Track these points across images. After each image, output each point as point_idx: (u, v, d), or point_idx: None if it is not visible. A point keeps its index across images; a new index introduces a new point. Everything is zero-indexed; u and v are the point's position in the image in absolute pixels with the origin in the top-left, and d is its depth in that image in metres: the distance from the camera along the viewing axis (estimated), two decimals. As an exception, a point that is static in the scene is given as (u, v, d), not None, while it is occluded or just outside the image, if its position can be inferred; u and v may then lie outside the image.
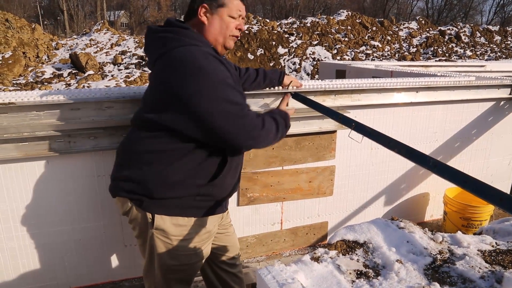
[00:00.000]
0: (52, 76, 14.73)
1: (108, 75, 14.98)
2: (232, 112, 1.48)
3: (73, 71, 14.98)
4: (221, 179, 1.68)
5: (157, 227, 1.66)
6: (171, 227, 1.67)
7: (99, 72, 15.10)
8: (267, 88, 2.48)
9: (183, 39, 1.59)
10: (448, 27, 23.05)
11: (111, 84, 13.74)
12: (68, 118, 2.18)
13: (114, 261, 2.62)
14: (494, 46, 22.01)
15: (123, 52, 16.92)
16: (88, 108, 2.22)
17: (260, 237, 3.02)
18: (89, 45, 17.65)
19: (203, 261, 1.86)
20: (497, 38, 22.75)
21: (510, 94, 3.63)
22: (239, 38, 1.78)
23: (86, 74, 14.59)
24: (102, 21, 21.43)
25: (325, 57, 17.67)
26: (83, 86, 13.39)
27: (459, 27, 22.96)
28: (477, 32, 22.52)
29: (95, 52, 16.87)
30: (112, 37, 18.49)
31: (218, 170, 1.67)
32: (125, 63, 16.13)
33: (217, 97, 1.46)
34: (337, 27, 20.16)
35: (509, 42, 22.74)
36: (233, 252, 2.08)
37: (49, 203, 2.33)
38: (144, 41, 1.79)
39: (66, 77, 14.66)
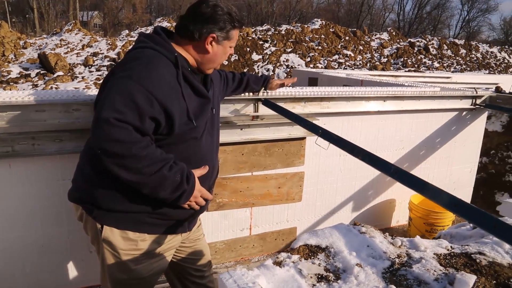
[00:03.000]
0: (18, 76, 14.26)
1: (78, 77, 14.64)
2: (104, 114, 1.38)
3: (42, 72, 14.56)
4: None
5: (105, 238, 1.61)
6: (120, 241, 1.62)
7: (69, 74, 14.73)
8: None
9: (149, 43, 1.58)
10: (417, 39, 23.83)
11: (80, 86, 13.43)
12: (33, 120, 2.13)
13: (79, 267, 2.55)
14: (460, 59, 22.90)
15: (94, 54, 16.59)
16: (54, 110, 2.17)
17: (229, 243, 3.02)
18: (59, 45, 17.21)
19: (159, 275, 1.80)
20: (463, 51, 23.70)
21: (471, 104, 3.80)
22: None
23: (55, 75, 14.21)
24: (74, 21, 20.97)
25: (299, 65, 17.88)
26: (51, 87, 13.03)
27: (427, 39, 23.78)
28: (444, 45, 23.38)
29: (66, 53, 16.47)
30: (83, 38, 18.10)
31: None
32: (97, 65, 15.82)
33: (110, 94, 1.42)
34: (311, 36, 20.47)
35: (473, 55, 23.73)
36: (202, 263, 2.03)
37: (11, 207, 2.25)
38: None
39: (34, 77, 14.22)
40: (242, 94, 2.51)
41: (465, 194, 4.19)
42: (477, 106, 3.80)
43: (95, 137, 1.42)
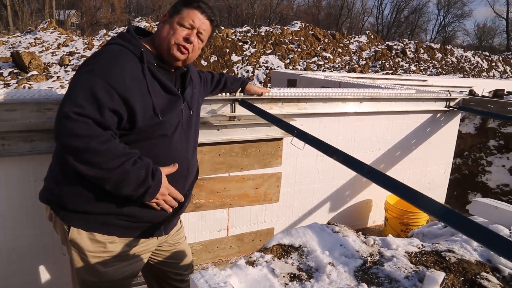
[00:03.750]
0: (-10, 75, 13.83)
1: (53, 76, 14.31)
2: (64, 109, 1.38)
3: (15, 71, 14.16)
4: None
5: (72, 240, 1.58)
6: (87, 243, 1.58)
7: (44, 73, 14.39)
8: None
9: (117, 40, 1.59)
10: (395, 43, 24.30)
11: (54, 85, 13.12)
12: (2, 119, 2.07)
13: (51, 271, 2.49)
14: (436, 63, 23.48)
15: (71, 53, 16.25)
16: (26, 110, 2.12)
17: (206, 244, 3.00)
18: (34, 44, 16.78)
19: (131, 279, 1.76)
20: (438, 55, 24.30)
21: (445, 107, 3.89)
22: (188, 50, 1.62)
23: (29, 75, 13.85)
24: (49, 19, 20.49)
25: (278, 66, 17.97)
26: (24, 87, 12.69)
27: (405, 43, 24.28)
28: (421, 49, 23.92)
29: (40, 52, 16.06)
30: (59, 37, 17.69)
31: None
32: (73, 64, 15.50)
33: (71, 89, 1.43)
34: (290, 38, 20.61)
35: (448, 59, 24.36)
36: (182, 267, 2.00)
37: (-22, 209, 2.19)
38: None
39: (6, 76, 13.82)
40: (219, 94, 2.51)
41: (440, 194, 4.29)
42: (450, 108, 3.90)
43: (56, 132, 1.41)
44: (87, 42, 17.11)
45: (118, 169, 1.41)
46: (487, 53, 28.04)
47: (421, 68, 22.29)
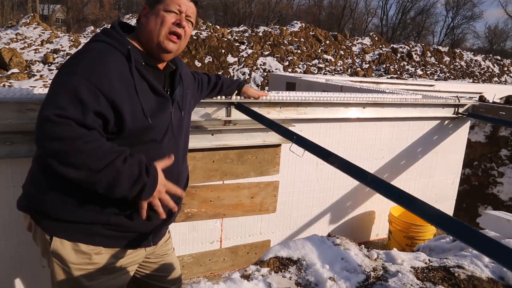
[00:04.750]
0: (-33, 72, 13.78)
1: (36, 75, 14.28)
2: (45, 112, 1.36)
3: (-6, 69, 14.12)
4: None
5: (54, 251, 1.55)
6: (71, 254, 1.55)
7: (26, 71, 14.36)
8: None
9: (102, 37, 1.57)
10: (400, 45, 24.49)
11: (37, 84, 13.07)
12: (-21, 120, 2.06)
13: (29, 285, 2.46)
14: (443, 67, 23.66)
15: (55, 51, 16.24)
16: (5, 109, 2.10)
17: (197, 257, 2.99)
18: (15, 39, 16.76)
19: None
20: (446, 59, 24.50)
21: (454, 113, 3.91)
22: (179, 37, 1.61)
23: (9, 72, 13.81)
24: (32, 14, 20.49)
25: (276, 69, 18.04)
26: (4, 85, 12.65)
27: (411, 45, 24.46)
28: (428, 52, 24.11)
29: (22, 49, 16.05)
30: (43, 33, 17.69)
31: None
32: (57, 62, 15.48)
33: (53, 91, 1.42)
34: (289, 39, 20.71)
35: (457, 63, 24.55)
36: (169, 281, 1.97)
37: (-49, 216, 2.16)
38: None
39: (-15, 74, 13.77)
40: (214, 97, 2.50)
41: (448, 206, 4.30)
42: (459, 115, 3.92)
43: (37, 137, 1.38)
44: (73, 39, 17.12)
45: (108, 169, 1.38)
46: (499, 57, 28.28)
47: (428, 72, 22.45)
